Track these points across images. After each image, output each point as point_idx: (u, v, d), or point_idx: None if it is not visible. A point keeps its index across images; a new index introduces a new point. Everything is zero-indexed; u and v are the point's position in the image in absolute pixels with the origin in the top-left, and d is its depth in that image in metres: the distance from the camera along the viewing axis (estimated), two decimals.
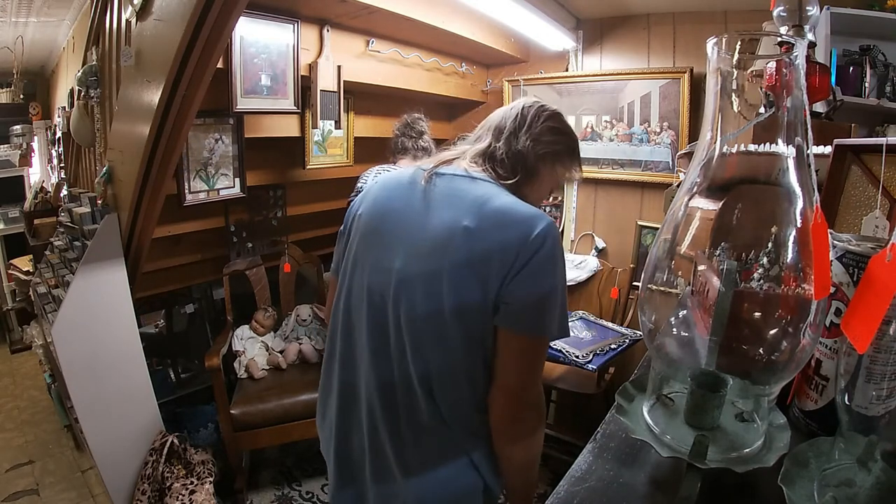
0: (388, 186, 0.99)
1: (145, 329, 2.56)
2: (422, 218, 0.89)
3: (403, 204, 0.93)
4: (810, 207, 0.48)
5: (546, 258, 0.83)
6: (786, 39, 0.54)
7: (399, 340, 0.88)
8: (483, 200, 0.87)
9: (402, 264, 0.88)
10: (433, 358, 0.87)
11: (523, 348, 0.86)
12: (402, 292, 0.87)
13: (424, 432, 0.89)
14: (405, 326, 0.87)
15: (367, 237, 0.95)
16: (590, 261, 2.66)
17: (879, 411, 0.44)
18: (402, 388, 0.88)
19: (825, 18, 1.64)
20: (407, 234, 0.90)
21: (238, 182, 2.19)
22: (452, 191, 0.90)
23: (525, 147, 0.95)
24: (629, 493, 0.53)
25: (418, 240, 0.88)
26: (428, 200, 0.90)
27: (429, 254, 0.86)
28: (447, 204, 0.89)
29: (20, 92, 4.99)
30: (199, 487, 1.98)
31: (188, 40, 1.31)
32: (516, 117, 0.97)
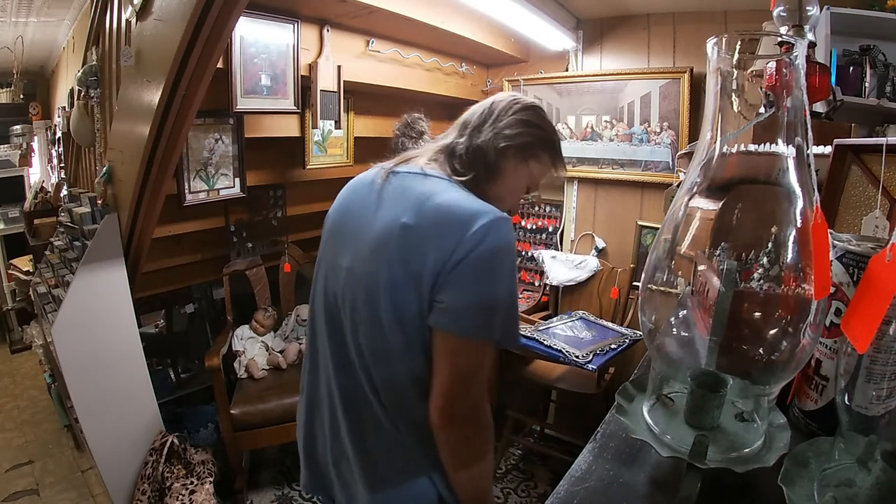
0: (352, 187, 0.97)
1: (145, 329, 2.56)
2: (371, 217, 0.86)
3: (359, 205, 0.91)
4: (810, 207, 0.48)
5: (486, 255, 0.76)
6: (786, 39, 0.54)
7: (355, 346, 0.85)
8: (426, 196, 0.81)
9: (349, 265, 0.86)
10: (378, 365, 0.83)
11: (455, 350, 0.79)
12: (349, 295, 0.85)
13: (382, 442, 0.86)
14: (352, 331, 0.85)
15: (329, 239, 0.95)
16: (590, 261, 2.66)
17: (879, 411, 0.44)
18: (359, 396, 0.86)
19: (825, 18, 1.64)
20: (355, 235, 0.87)
21: (238, 182, 2.19)
22: (402, 189, 0.86)
23: (485, 141, 0.89)
24: (629, 493, 0.53)
25: (362, 240, 0.85)
26: (379, 199, 0.87)
27: (369, 255, 0.83)
28: (393, 202, 0.85)
29: (20, 92, 4.99)
30: (199, 487, 1.98)
31: (188, 40, 1.31)
32: (484, 111, 0.93)
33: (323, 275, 0.93)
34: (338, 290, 0.87)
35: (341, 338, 0.88)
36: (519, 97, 0.95)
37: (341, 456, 0.91)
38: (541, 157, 0.94)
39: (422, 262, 0.77)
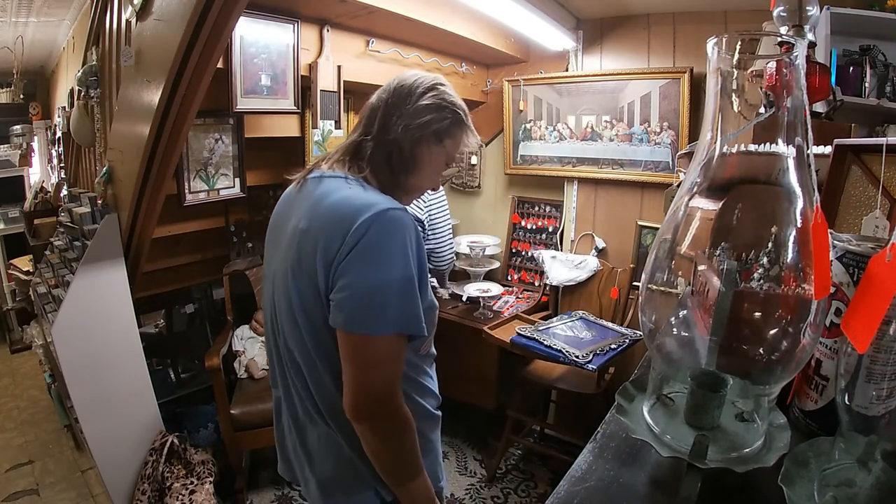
0: (283, 196, 0.99)
1: (145, 329, 2.55)
2: (285, 225, 0.90)
3: (280, 214, 0.95)
4: (810, 207, 0.48)
5: (367, 248, 0.76)
6: (786, 39, 0.54)
7: (287, 353, 0.90)
8: (320, 199, 0.83)
9: (273, 275, 0.91)
10: (310, 372, 0.86)
11: (353, 347, 0.79)
12: (276, 302, 0.89)
13: (326, 449, 0.89)
14: (284, 339, 0.89)
15: (265, 249, 0.99)
16: (590, 261, 2.66)
17: (879, 411, 0.44)
18: (300, 404, 0.91)
19: (825, 18, 1.64)
20: (277, 244, 0.92)
21: (238, 182, 2.19)
22: (305, 194, 0.88)
23: (398, 135, 0.87)
24: (629, 493, 0.53)
25: (280, 249, 0.90)
26: (291, 207, 0.91)
27: (281, 263, 0.87)
28: (297, 208, 0.87)
29: (20, 92, 4.99)
30: (199, 487, 1.98)
31: (188, 40, 1.31)
32: (388, 101, 0.89)
33: (264, 284, 0.99)
34: (270, 299, 0.92)
35: (276, 342, 0.93)
36: (420, 76, 0.92)
37: (299, 456, 0.96)
38: (455, 135, 0.93)
39: (314, 263, 0.79)
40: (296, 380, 0.89)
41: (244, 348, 2.44)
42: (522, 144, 2.86)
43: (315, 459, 0.91)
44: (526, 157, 2.87)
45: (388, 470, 0.85)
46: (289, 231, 0.87)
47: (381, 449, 0.83)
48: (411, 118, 0.87)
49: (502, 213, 3.07)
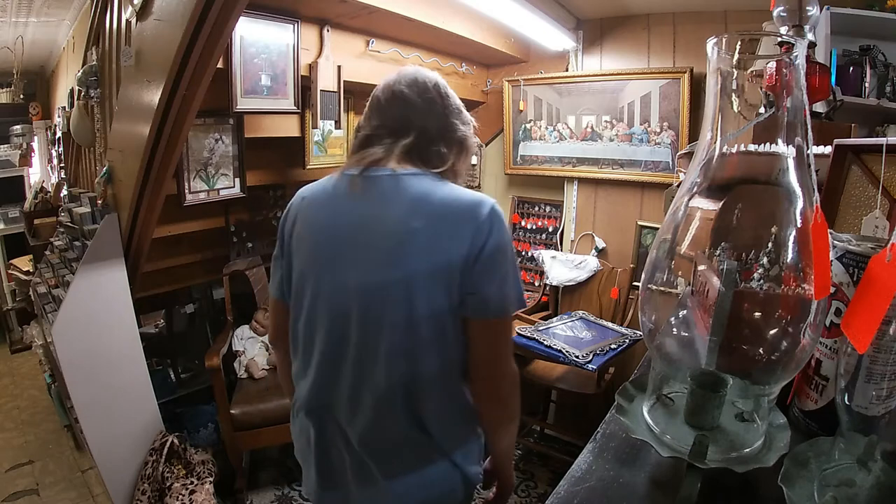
0: (317, 201, 0.96)
1: (145, 329, 2.55)
2: (366, 226, 0.88)
3: (342, 215, 0.91)
4: (810, 207, 0.48)
5: (498, 240, 0.86)
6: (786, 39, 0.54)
7: (368, 353, 0.87)
8: (423, 195, 0.87)
9: (361, 276, 0.87)
10: (408, 366, 0.87)
11: (495, 331, 0.89)
12: (368, 304, 0.86)
13: (404, 441, 0.90)
14: (374, 338, 0.86)
15: (313, 254, 0.93)
16: (590, 261, 2.66)
17: (879, 411, 0.44)
18: (377, 401, 0.88)
19: (825, 18, 1.64)
20: (355, 245, 0.88)
21: (238, 182, 2.19)
22: (392, 192, 0.88)
23: (444, 131, 0.95)
24: (629, 493, 0.53)
25: (370, 249, 0.87)
26: (366, 206, 0.89)
27: (386, 262, 0.85)
28: (387, 206, 0.87)
29: (20, 92, 4.98)
30: (199, 487, 1.98)
31: (188, 40, 1.31)
32: (422, 102, 0.94)
33: (317, 293, 0.91)
34: (347, 305, 0.88)
35: (349, 348, 0.89)
36: (426, 74, 0.97)
37: (361, 461, 0.91)
38: (471, 122, 1.02)
39: (445, 258, 0.84)
40: (380, 373, 0.87)
41: (244, 348, 2.44)
42: (522, 144, 2.86)
43: (388, 449, 0.91)
44: (526, 157, 2.87)
45: (512, 414, 0.98)
46: (386, 229, 0.86)
47: (513, 397, 0.96)
48: (449, 115, 0.95)
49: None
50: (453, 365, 0.90)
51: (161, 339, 2.73)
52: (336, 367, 0.91)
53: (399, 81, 0.95)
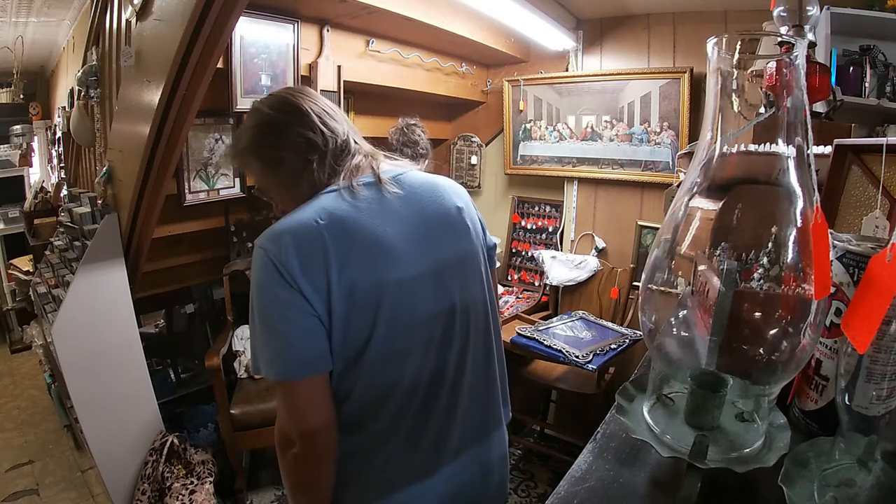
0: (354, 205, 0.84)
1: (145, 329, 2.55)
2: (419, 218, 0.88)
3: (390, 213, 0.86)
4: (810, 207, 0.48)
5: None
6: (786, 39, 0.54)
7: (469, 343, 0.92)
8: (438, 182, 0.97)
9: (439, 262, 0.89)
10: (495, 346, 0.99)
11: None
12: (460, 284, 0.91)
13: (492, 397, 0.99)
14: (461, 331, 0.90)
15: (377, 257, 0.82)
16: (590, 261, 2.66)
17: (879, 411, 0.44)
18: (472, 367, 0.93)
19: (825, 18, 1.64)
20: (415, 239, 0.86)
21: (238, 182, 2.19)
22: (420, 184, 0.93)
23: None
24: (629, 493, 0.53)
25: (435, 236, 0.90)
26: (408, 200, 0.90)
27: (455, 240, 0.93)
28: (426, 195, 0.92)
29: (20, 92, 4.98)
30: (199, 487, 1.98)
31: (188, 40, 1.31)
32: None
33: (398, 294, 0.82)
34: (452, 291, 0.89)
35: (460, 345, 0.91)
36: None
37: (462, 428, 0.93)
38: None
39: (480, 230, 1.00)
40: (482, 367, 0.95)
41: (244, 348, 2.44)
42: (522, 144, 2.86)
43: (489, 434, 0.99)
44: (526, 157, 2.87)
45: None
46: (437, 214, 0.91)
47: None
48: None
49: (502, 213, 3.07)
50: (496, 334, 1.00)
51: (161, 339, 2.73)
52: (428, 358, 0.87)
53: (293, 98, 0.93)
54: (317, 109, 0.89)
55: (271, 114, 0.89)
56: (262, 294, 0.79)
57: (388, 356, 0.83)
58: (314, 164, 0.87)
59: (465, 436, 0.92)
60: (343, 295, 0.77)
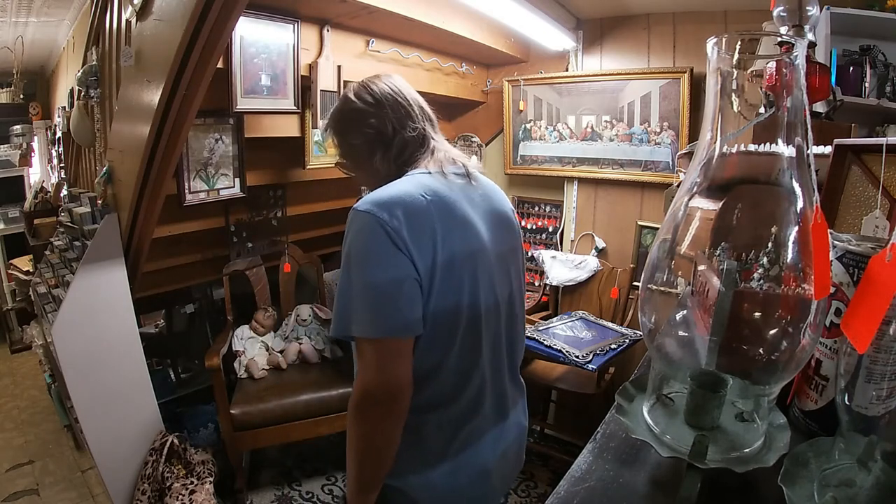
0: (453, 186, 0.97)
1: (145, 329, 2.56)
2: (484, 209, 1.02)
3: (461, 198, 0.97)
4: (810, 207, 0.48)
5: None
6: (786, 39, 0.54)
7: (506, 324, 1.04)
8: (492, 187, 1.11)
9: (475, 256, 0.96)
10: (520, 325, 1.10)
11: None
12: (495, 281, 0.99)
13: (517, 385, 1.12)
14: (505, 312, 1.03)
15: (459, 231, 0.92)
16: (590, 261, 2.66)
17: (879, 411, 0.44)
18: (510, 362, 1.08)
19: (825, 18, 1.64)
20: (471, 222, 0.98)
21: (238, 182, 2.19)
22: (476, 183, 1.05)
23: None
24: (629, 493, 0.53)
25: (486, 226, 1.00)
26: (477, 196, 1.03)
27: (498, 240, 1.02)
28: (487, 196, 1.05)
29: (20, 92, 4.98)
30: (199, 487, 1.98)
31: (188, 40, 1.31)
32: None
33: (483, 269, 0.95)
34: (511, 276, 1.05)
35: (505, 323, 1.04)
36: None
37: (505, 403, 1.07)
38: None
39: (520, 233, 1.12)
40: (505, 352, 1.05)
41: (244, 348, 2.44)
42: (522, 144, 2.86)
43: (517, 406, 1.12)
44: (526, 157, 2.87)
45: None
46: (501, 217, 1.04)
47: None
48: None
49: None
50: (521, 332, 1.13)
51: (161, 339, 2.73)
52: (489, 342, 0.99)
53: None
54: (393, 103, 0.97)
55: (353, 102, 0.98)
56: (371, 257, 0.84)
57: (474, 327, 0.93)
58: (381, 152, 0.97)
59: (513, 401, 1.08)
60: (444, 264, 0.87)
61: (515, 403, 1.10)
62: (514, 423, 1.08)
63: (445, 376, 0.92)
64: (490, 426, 1.01)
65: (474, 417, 0.97)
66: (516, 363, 1.10)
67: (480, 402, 0.98)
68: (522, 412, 1.14)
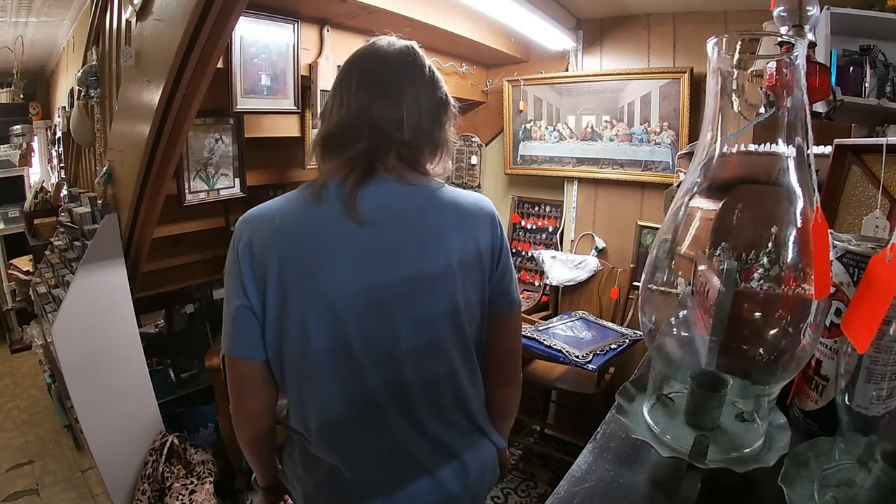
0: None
1: (145, 329, 2.55)
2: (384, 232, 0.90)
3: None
4: (810, 207, 0.48)
5: (504, 237, 0.96)
6: (786, 39, 0.54)
7: (414, 368, 0.84)
8: (430, 200, 0.90)
9: (370, 292, 0.83)
10: (446, 374, 0.87)
11: (515, 323, 0.98)
12: (385, 320, 0.82)
13: (461, 435, 0.91)
14: (404, 356, 0.83)
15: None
16: (590, 261, 2.66)
17: (879, 411, 0.44)
18: (410, 392, 0.84)
19: (825, 18, 1.64)
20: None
21: (238, 182, 2.19)
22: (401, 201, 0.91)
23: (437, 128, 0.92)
24: (629, 493, 0.53)
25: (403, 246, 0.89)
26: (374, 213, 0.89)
27: (419, 258, 0.87)
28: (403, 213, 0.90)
29: (20, 92, 4.98)
30: (199, 487, 1.98)
31: (188, 40, 1.31)
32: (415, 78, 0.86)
33: (333, 311, 0.81)
34: (369, 323, 0.82)
35: (409, 369, 0.84)
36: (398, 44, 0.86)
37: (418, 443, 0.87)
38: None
39: (476, 249, 0.87)
40: (430, 393, 0.85)
41: None
42: (522, 144, 2.86)
43: (454, 449, 0.90)
44: (526, 157, 2.87)
45: (513, 415, 1.02)
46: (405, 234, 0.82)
47: (517, 398, 1.00)
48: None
49: (502, 213, 3.07)
50: (463, 367, 0.88)
51: (161, 339, 2.73)
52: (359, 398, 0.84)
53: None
54: (364, 74, 0.81)
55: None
56: (225, 272, 0.85)
57: (342, 371, 0.83)
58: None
59: (442, 454, 0.93)
60: (277, 302, 0.82)
61: (441, 462, 0.88)
62: (424, 489, 0.86)
63: (309, 414, 0.85)
64: (373, 493, 0.85)
65: (347, 477, 0.85)
66: (462, 406, 0.89)
67: (359, 463, 0.84)
68: (456, 472, 0.89)
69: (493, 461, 0.97)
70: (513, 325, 0.95)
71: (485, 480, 0.95)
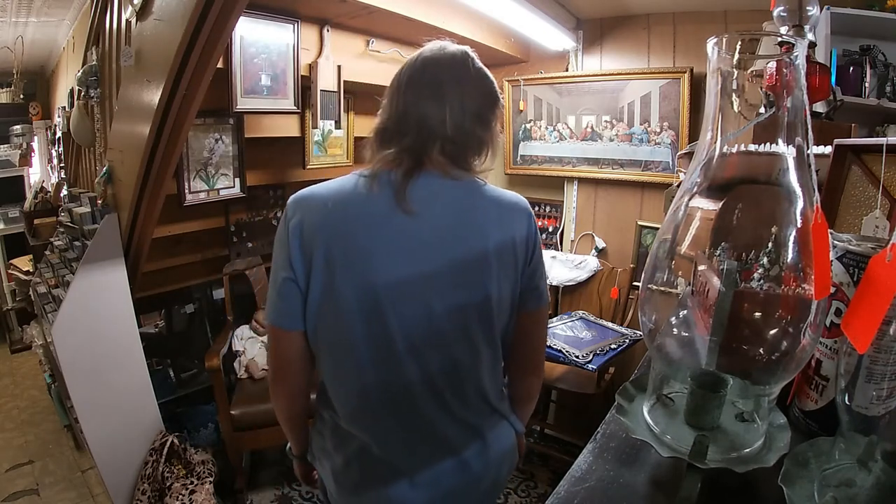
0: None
1: (145, 329, 2.55)
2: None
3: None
4: (810, 207, 0.48)
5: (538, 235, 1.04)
6: (786, 39, 0.54)
7: (440, 358, 0.88)
8: (473, 194, 0.97)
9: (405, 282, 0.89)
10: (468, 365, 0.91)
11: (543, 318, 1.03)
12: (410, 309, 0.88)
13: (484, 421, 0.95)
14: (432, 345, 0.88)
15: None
16: (590, 261, 2.66)
17: (879, 411, 0.44)
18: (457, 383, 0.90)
19: (825, 18, 1.64)
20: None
21: (238, 182, 2.19)
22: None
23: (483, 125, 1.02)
24: (629, 493, 0.53)
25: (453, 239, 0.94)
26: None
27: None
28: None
29: (20, 92, 4.98)
30: (199, 487, 1.98)
31: (188, 40, 1.31)
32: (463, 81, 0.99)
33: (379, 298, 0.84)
34: (409, 310, 0.87)
35: (433, 358, 0.87)
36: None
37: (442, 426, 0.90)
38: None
39: (511, 239, 0.93)
40: (456, 382, 0.88)
41: (244, 348, 2.44)
42: (522, 144, 2.86)
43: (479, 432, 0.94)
44: (526, 157, 2.87)
45: (534, 401, 1.06)
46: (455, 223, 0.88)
47: (539, 386, 1.05)
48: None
49: None
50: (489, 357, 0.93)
51: (161, 339, 2.73)
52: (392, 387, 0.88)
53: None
54: (413, 76, 0.89)
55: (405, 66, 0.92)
56: (274, 246, 0.90)
57: (376, 353, 0.88)
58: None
59: (463, 439, 0.98)
60: (324, 281, 0.86)
61: (466, 443, 0.92)
62: (449, 469, 0.90)
63: (342, 395, 0.89)
64: (400, 473, 0.88)
65: (379, 453, 0.88)
66: (480, 393, 0.92)
67: (388, 443, 0.88)
68: (478, 451, 0.93)
69: (513, 445, 1.00)
70: (540, 321, 1.00)
71: (504, 464, 0.98)
